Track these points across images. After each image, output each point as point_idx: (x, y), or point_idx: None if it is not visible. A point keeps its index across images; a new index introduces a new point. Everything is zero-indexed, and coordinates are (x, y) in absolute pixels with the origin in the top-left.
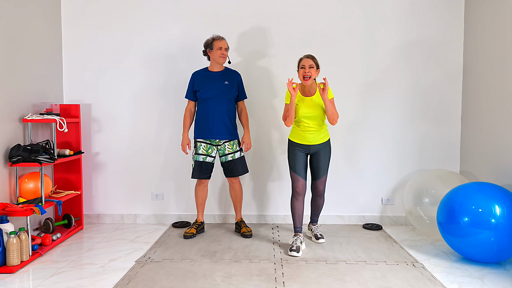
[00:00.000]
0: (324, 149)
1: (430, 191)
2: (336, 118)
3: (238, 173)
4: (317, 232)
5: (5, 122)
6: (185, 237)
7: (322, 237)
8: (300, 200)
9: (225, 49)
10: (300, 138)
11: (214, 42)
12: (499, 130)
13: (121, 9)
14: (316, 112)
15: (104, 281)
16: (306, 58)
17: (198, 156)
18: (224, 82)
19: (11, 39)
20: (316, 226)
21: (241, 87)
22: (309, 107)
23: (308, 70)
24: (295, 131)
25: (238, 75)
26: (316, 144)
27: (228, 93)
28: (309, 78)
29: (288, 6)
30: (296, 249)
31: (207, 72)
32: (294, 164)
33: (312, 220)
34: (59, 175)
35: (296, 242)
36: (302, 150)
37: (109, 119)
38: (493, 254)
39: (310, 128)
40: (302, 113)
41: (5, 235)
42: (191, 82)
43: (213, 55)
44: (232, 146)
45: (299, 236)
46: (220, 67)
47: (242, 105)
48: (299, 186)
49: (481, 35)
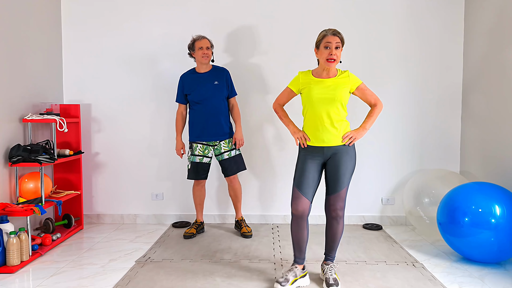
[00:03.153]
0: (345, 152)
1: (430, 191)
2: (381, 106)
3: (234, 171)
4: (330, 275)
5: (5, 122)
6: (185, 237)
7: (336, 284)
8: (301, 224)
9: (207, 47)
10: (312, 137)
11: (195, 43)
12: (499, 130)
13: (121, 9)
14: (335, 92)
15: (104, 281)
16: (333, 35)
17: (194, 157)
18: (213, 83)
19: (11, 39)
20: (330, 266)
21: (231, 84)
22: (326, 87)
23: (335, 52)
24: (306, 127)
25: (226, 72)
26: (332, 146)
27: (219, 93)
28: (334, 61)
29: (285, 4)
30: (282, 281)
31: (195, 74)
32: (299, 177)
33: (327, 257)
34: (59, 175)
35: (287, 274)
36: (314, 158)
37: (109, 119)
38: (493, 254)
39: (325, 121)
40: (316, 95)
41: (5, 235)
42: (180, 85)
43: (196, 56)
44: (228, 144)
45: (296, 269)
46: (207, 67)
47: (233, 102)
48: (299, 207)
49: (481, 35)
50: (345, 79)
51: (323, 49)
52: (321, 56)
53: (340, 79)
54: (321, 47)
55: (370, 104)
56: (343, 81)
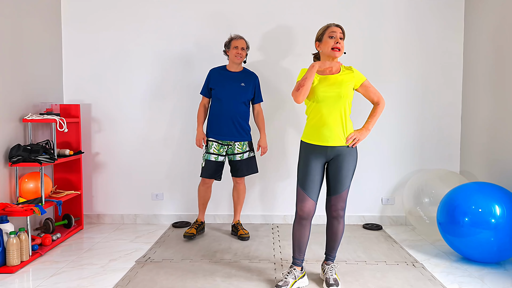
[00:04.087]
0: (347, 153)
1: (430, 191)
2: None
3: (244, 173)
4: (330, 275)
5: (5, 122)
6: (185, 237)
7: (336, 284)
8: (305, 225)
9: (242, 48)
10: (315, 136)
11: (232, 41)
12: (499, 130)
13: (121, 9)
14: (340, 90)
15: (104, 282)
16: (337, 26)
17: (209, 156)
18: (240, 84)
19: (11, 39)
20: (330, 266)
21: (258, 89)
22: (331, 85)
23: (339, 41)
24: (309, 126)
25: (255, 77)
26: (336, 146)
27: (243, 95)
28: (339, 50)
29: (286, 4)
30: (282, 284)
31: (225, 71)
32: (304, 177)
33: (327, 257)
34: (59, 175)
35: (287, 277)
36: (317, 158)
37: (109, 119)
38: (493, 254)
39: (330, 120)
40: (321, 93)
41: (5, 235)
42: (207, 78)
43: (230, 55)
44: (242, 146)
45: (295, 270)
46: (238, 67)
47: (258, 108)
48: (305, 208)
49: (481, 35)
50: (350, 75)
51: (328, 38)
52: (326, 46)
53: (345, 75)
54: (325, 38)
55: (373, 102)
56: (347, 77)
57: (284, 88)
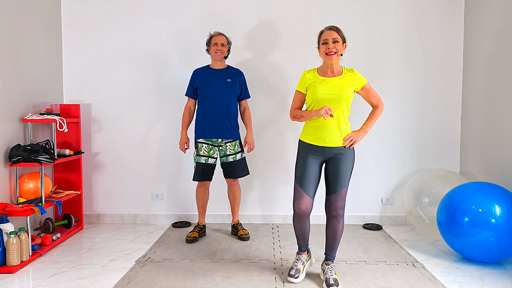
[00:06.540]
0: (345, 153)
1: (430, 191)
2: (383, 108)
3: (238, 175)
4: (330, 275)
5: (5, 122)
6: (188, 241)
7: (336, 284)
8: (304, 221)
9: (222, 44)
10: (313, 137)
11: (212, 38)
12: (499, 130)
13: (121, 9)
14: (340, 93)
15: (104, 281)
16: (329, 30)
17: (199, 158)
18: (226, 80)
19: (11, 39)
20: (330, 266)
21: (244, 85)
22: (332, 87)
23: (332, 45)
24: (307, 126)
25: (240, 74)
26: (334, 146)
27: (230, 91)
28: (334, 53)
29: (289, 2)
30: (294, 273)
31: (209, 70)
32: (302, 174)
33: (327, 257)
34: (59, 175)
35: (297, 264)
36: (315, 157)
37: (109, 119)
38: (493, 254)
39: (329, 121)
40: (321, 95)
41: (5, 235)
42: (192, 79)
43: (211, 52)
44: (234, 147)
45: (302, 256)
46: (221, 64)
47: (245, 104)
48: (302, 205)
49: (481, 35)
50: (351, 78)
51: (322, 45)
52: (321, 52)
53: (346, 78)
54: (320, 45)
55: (372, 105)
56: (349, 80)
57: (284, 88)
